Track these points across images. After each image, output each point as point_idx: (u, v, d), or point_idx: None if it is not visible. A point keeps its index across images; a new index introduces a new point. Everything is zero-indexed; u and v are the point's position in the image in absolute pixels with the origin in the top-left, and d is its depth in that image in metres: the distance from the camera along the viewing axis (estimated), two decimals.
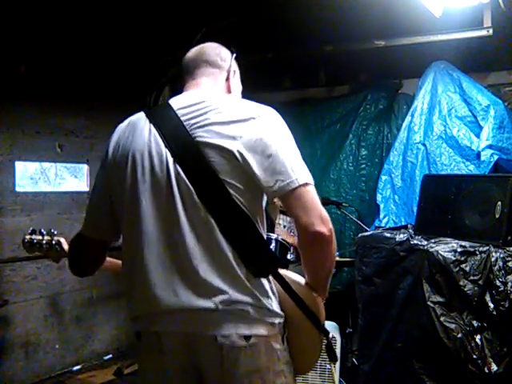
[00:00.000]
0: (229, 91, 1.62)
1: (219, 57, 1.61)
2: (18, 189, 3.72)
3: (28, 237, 1.85)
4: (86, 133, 4.17)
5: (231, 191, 1.37)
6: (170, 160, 1.41)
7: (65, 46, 3.77)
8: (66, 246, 1.86)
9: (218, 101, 1.46)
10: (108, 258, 1.78)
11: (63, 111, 3.98)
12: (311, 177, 1.41)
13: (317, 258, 1.45)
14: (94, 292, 4.24)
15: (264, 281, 1.42)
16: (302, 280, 1.52)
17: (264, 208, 1.50)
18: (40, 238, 1.85)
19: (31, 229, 1.88)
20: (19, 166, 3.74)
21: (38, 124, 3.84)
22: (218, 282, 1.37)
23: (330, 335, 1.54)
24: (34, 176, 3.84)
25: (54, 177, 3.99)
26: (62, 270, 3.97)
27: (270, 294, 1.43)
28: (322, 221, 1.37)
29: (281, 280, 1.45)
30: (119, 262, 1.64)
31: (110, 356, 4.32)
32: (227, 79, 1.61)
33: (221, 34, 1.79)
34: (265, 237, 1.48)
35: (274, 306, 1.43)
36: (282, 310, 1.46)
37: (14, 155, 3.69)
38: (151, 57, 4.14)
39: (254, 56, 4.05)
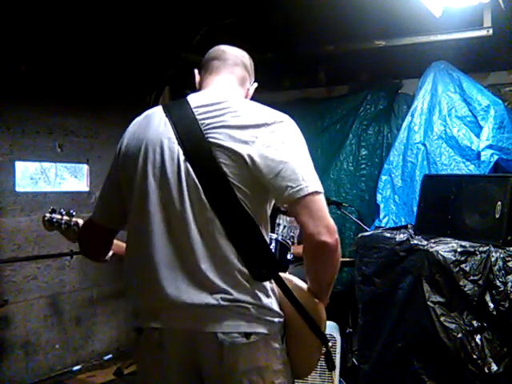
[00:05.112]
0: (246, 98, 1.66)
1: (251, 66, 1.69)
2: (18, 189, 3.71)
3: (48, 215, 1.92)
4: (86, 133, 4.17)
5: (238, 194, 1.38)
6: (182, 158, 1.42)
7: (65, 46, 3.76)
8: None
9: (237, 103, 1.47)
10: (116, 242, 1.82)
11: (63, 111, 3.98)
12: (321, 186, 1.41)
13: (320, 266, 1.46)
14: (94, 292, 4.24)
15: (266, 283, 1.43)
16: (304, 285, 1.53)
17: (269, 214, 1.50)
18: (59, 217, 1.91)
19: (51, 207, 1.95)
20: (19, 165, 3.74)
21: (38, 124, 3.83)
22: (219, 281, 1.38)
23: (330, 343, 1.54)
24: (34, 176, 3.84)
25: (54, 177, 3.99)
26: (61, 270, 3.97)
27: (271, 293, 1.44)
28: (328, 230, 1.37)
29: (282, 285, 1.46)
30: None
31: (110, 356, 4.32)
32: (248, 88, 1.67)
33: (221, 34, 1.80)
34: (268, 241, 1.48)
35: (274, 305, 1.44)
36: (282, 310, 1.47)
37: (14, 155, 3.68)
38: (151, 57, 4.14)
39: (254, 56, 4.04)
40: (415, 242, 2.76)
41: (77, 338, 4.10)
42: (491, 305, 2.47)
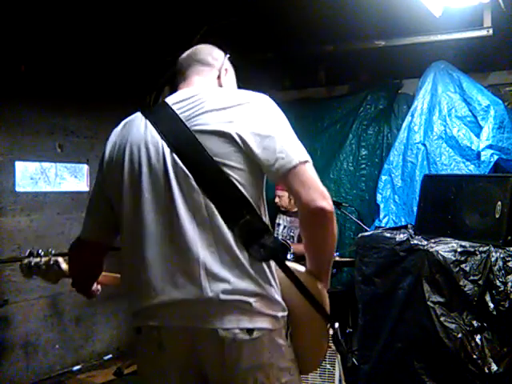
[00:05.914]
0: (219, 82, 1.64)
1: (210, 56, 1.65)
2: (18, 189, 3.72)
3: (26, 261, 1.81)
4: (86, 133, 4.17)
5: (230, 173, 1.37)
6: (167, 150, 1.42)
7: (65, 46, 3.76)
8: (64, 265, 1.86)
9: (211, 92, 1.49)
10: (104, 273, 1.80)
11: (63, 111, 3.98)
12: (308, 155, 1.42)
13: (319, 236, 1.43)
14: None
15: (266, 268, 1.40)
16: (303, 269, 1.49)
17: (264, 196, 1.49)
18: (38, 260, 1.81)
19: (28, 251, 1.83)
20: (19, 165, 3.74)
21: (38, 124, 3.84)
22: (218, 268, 1.35)
23: (336, 325, 1.50)
24: (34, 176, 3.84)
25: (54, 177, 3.99)
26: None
27: (273, 282, 1.41)
28: (322, 196, 1.37)
29: (283, 265, 1.42)
30: (116, 275, 1.64)
31: (110, 356, 4.32)
32: (218, 77, 1.64)
33: (221, 34, 1.79)
34: (267, 221, 1.46)
35: (277, 295, 1.41)
36: (284, 301, 1.44)
37: (14, 155, 3.69)
38: (151, 57, 4.14)
39: (254, 55, 4.05)
40: (415, 242, 2.76)
41: (77, 338, 4.10)
42: (491, 305, 2.47)
